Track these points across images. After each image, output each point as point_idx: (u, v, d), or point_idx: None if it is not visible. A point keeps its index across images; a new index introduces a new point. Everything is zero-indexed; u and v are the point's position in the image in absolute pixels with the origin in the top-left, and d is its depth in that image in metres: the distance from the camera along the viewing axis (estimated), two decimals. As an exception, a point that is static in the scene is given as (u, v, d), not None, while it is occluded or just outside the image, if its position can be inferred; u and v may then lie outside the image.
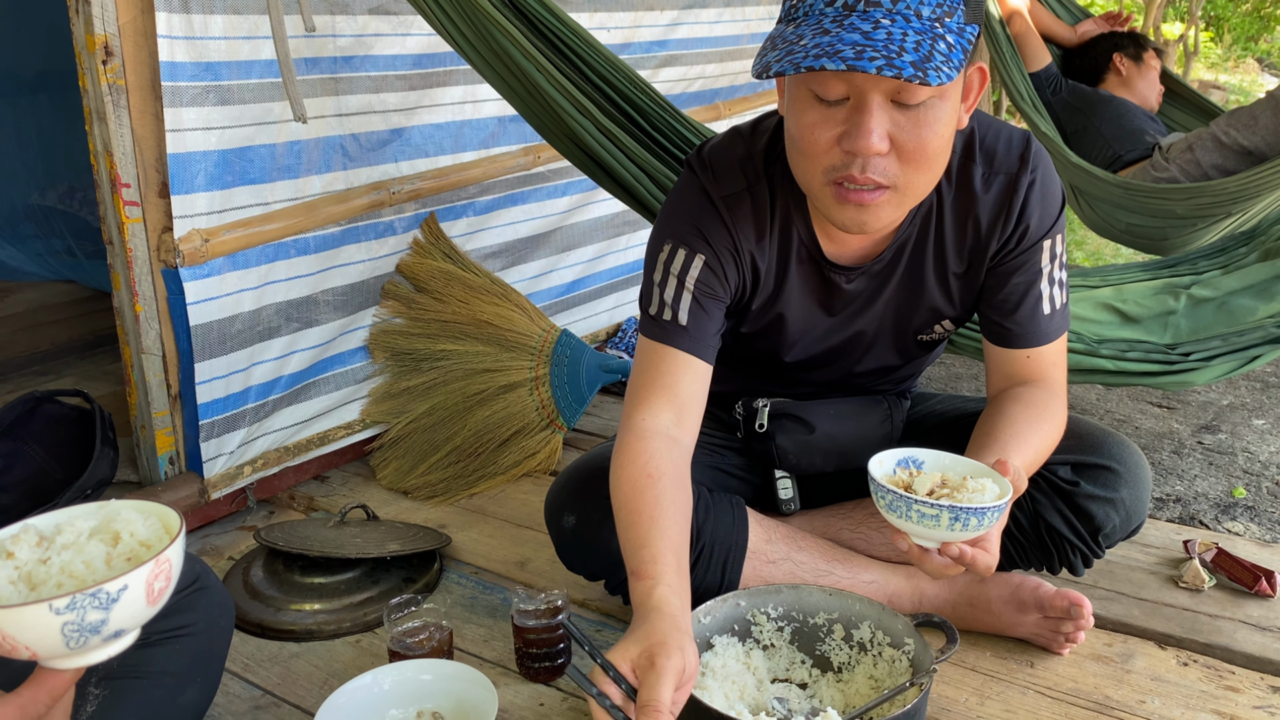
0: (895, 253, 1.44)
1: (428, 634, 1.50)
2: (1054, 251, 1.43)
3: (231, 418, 1.98)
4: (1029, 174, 1.38)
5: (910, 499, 1.13)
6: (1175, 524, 1.97)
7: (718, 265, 1.40)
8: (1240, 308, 2.07)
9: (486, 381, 2.30)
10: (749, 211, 1.40)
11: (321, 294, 2.12)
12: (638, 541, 1.20)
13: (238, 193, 1.90)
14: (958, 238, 1.43)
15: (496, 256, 2.55)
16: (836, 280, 1.46)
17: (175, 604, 1.17)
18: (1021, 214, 1.39)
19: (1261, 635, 1.59)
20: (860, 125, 1.16)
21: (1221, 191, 2.79)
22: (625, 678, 1.02)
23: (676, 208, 1.43)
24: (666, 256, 1.41)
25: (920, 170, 1.22)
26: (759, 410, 1.63)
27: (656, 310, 1.40)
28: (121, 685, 1.11)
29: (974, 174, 1.39)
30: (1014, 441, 1.32)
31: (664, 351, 1.38)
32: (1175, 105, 3.64)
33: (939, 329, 1.55)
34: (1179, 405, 2.56)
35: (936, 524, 1.12)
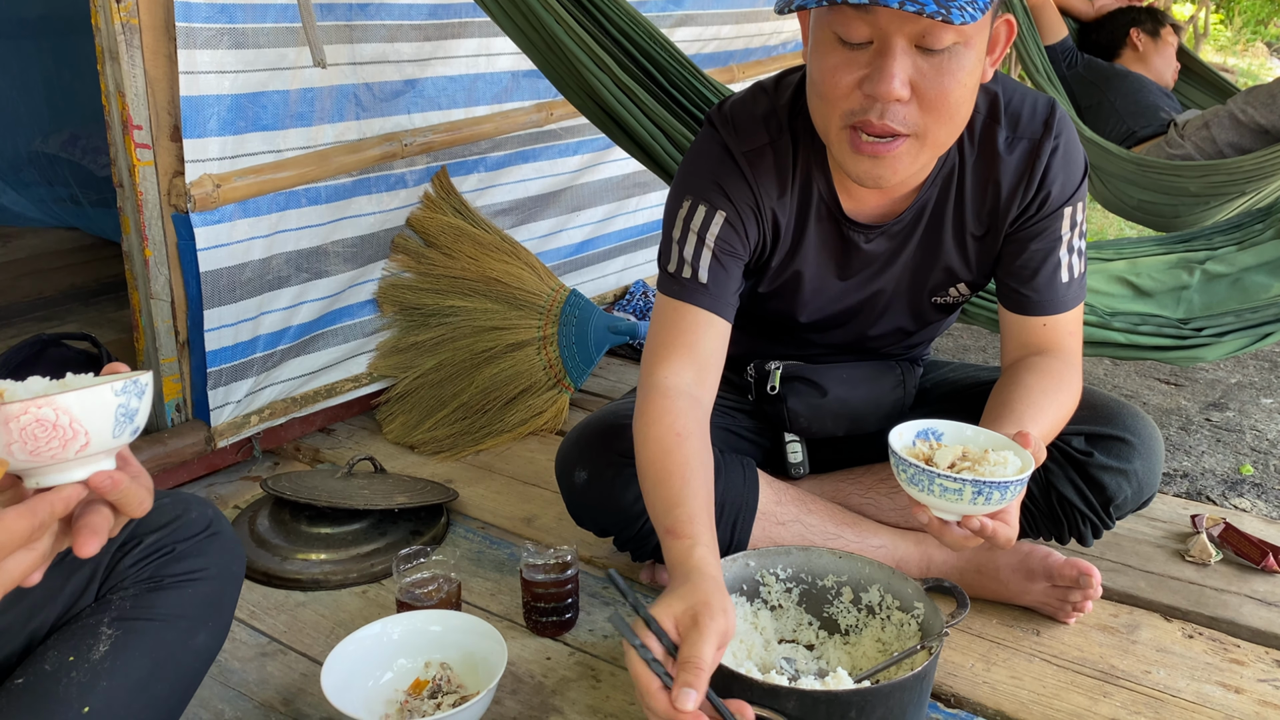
0: (915, 214, 1.42)
1: (436, 585, 1.50)
2: (1074, 219, 1.42)
3: (239, 366, 1.97)
4: (1053, 140, 1.36)
5: (933, 473, 1.12)
6: (1183, 499, 1.97)
7: (739, 222, 1.38)
8: (1254, 284, 2.06)
9: (494, 339, 2.29)
10: (771, 166, 1.38)
11: (332, 245, 2.10)
12: (672, 500, 1.19)
13: (250, 139, 1.88)
14: (978, 200, 1.41)
15: (506, 214, 2.53)
16: (855, 239, 1.44)
17: (188, 549, 1.17)
18: (1044, 180, 1.38)
19: (1267, 610, 1.59)
20: (883, 69, 1.15)
21: (1236, 170, 2.78)
22: (668, 634, 1.01)
23: (697, 164, 1.41)
24: (686, 213, 1.39)
25: (941, 120, 1.20)
26: (771, 373, 1.63)
27: (676, 268, 1.39)
28: (134, 626, 1.11)
29: (998, 136, 1.37)
30: (1030, 412, 1.31)
31: (684, 309, 1.37)
32: (1191, 83, 3.62)
33: (954, 292, 1.53)
34: (1187, 383, 2.56)
35: (959, 498, 1.11)
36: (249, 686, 1.42)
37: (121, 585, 1.14)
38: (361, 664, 1.35)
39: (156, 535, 1.16)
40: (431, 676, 1.37)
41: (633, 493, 1.47)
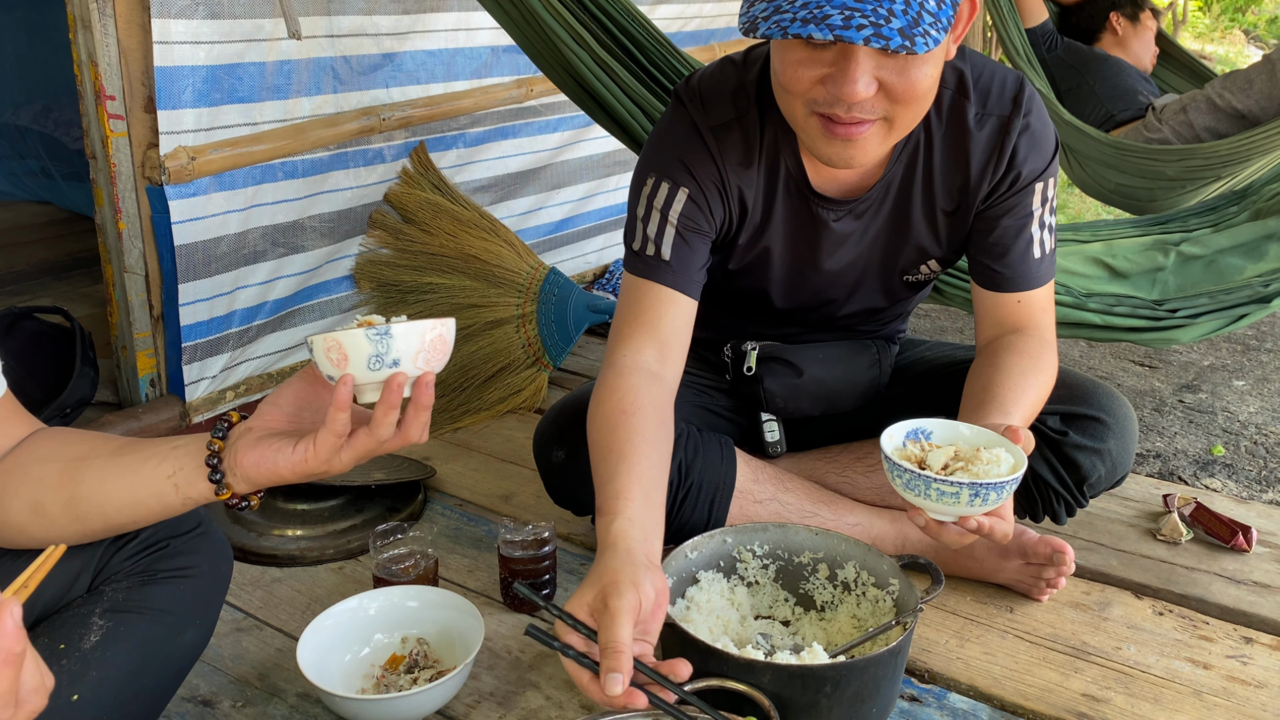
0: (883, 190, 1.42)
1: (413, 561, 1.50)
2: (1045, 195, 1.42)
3: (215, 341, 1.95)
4: (1022, 118, 1.36)
5: (929, 478, 1.10)
6: (1155, 479, 1.99)
7: (702, 199, 1.37)
8: (1229, 266, 2.08)
9: (473, 317, 2.28)
10: (738, 142, 1.38)
11: (308, 220, 2.09)
12: (605, 477, 1.19)
13: (226, 111, 1.85)
14: (948, 176, 1.41)
15: (485, 190, 2.52)
16: (823, 216, 1.44)
17: (181, 545, 1.18)
18: (1014, 157, 1.37)
19: (1236, 588, 1.62)
20: (846, 73, 1.14)
21: (1213, 154, 2.79)
22: (585, 623, 1.02)
23: (662, 140, 1.40)
24: (650, 190, 1.38)
25: (909, 106, 1.20)
26: (747, 353, 1.63)
27: (640, 245, 1.38)
28: (125, 619, 1.11)
29: (968, 112, 1.37)
30: (1013, 396, 1.31)
31: (647, 287, 1.37)
32: (1169, 67, 3.63)
33: (925, 269, 1.53)
34: (1161, 365, 2.58)
35: (956, 501, 1.10)
36: (224, 661, 1.42)
37: (114, 577, 1.14)
38: (337, 639, 1.35)
39: (151, 530, 1.16)
40: (408, 652, 1.37)
41: None
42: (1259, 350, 2.69)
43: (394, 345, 0.92)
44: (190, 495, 1.00)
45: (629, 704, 0.97)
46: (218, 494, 0.99)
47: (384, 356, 0.91)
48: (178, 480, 1.00)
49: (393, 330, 0.92)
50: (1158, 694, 1.38)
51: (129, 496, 1.02)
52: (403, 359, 0.92)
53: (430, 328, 0.94)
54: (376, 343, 0.91)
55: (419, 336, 0.93)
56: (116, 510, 1.03)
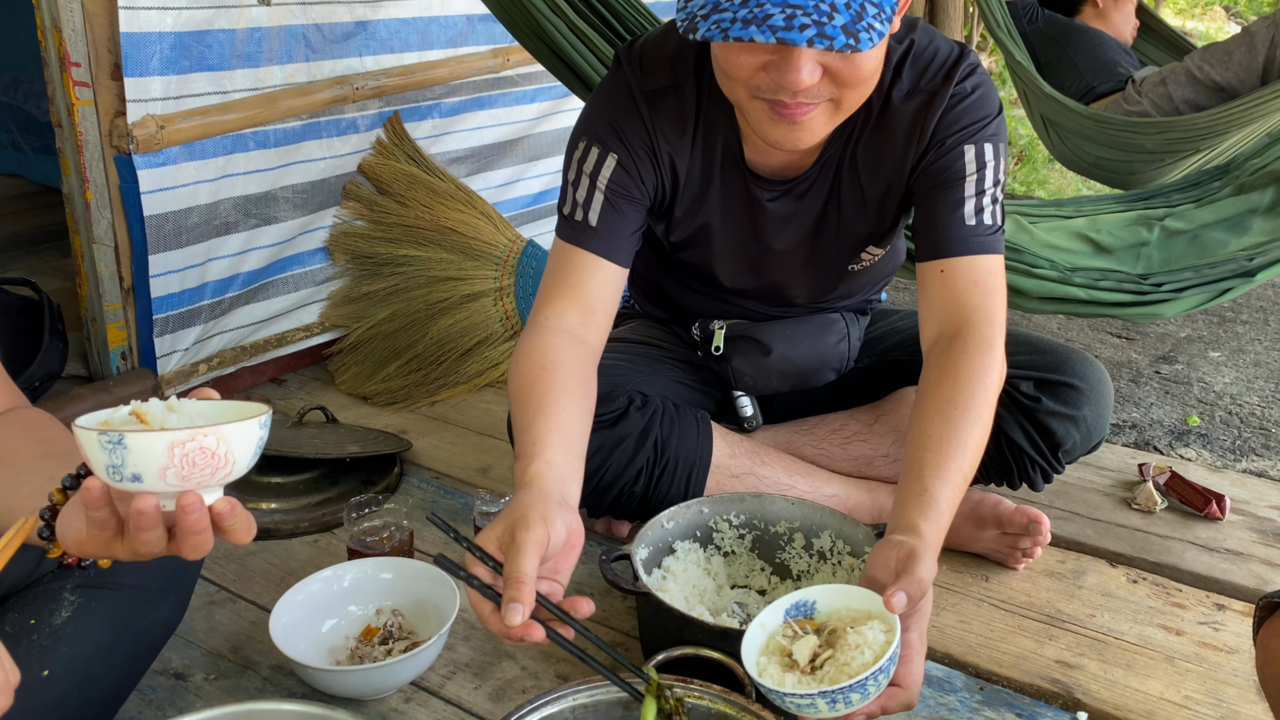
0: (817, 171, 1.39)
1: (388, 533, 1.49)
2: (981, 159, 1.32)
3: (187, 314, 1.92)
4: (952, 87, 1.31)
5: (780, 693, 0.98)
6: (1131, 449, 2.00)
7: (632, 166, 1.35)
8: (1212, 241, 2.08)
9: (450, 290, 2.26)
10: (673, 109, 1.35)
11: (281, 190, 2.06)
12: (524, 426, 1.16)
13: (195, 79, 1.82)
14: (872, 155, 1.37)
15: (462, 162, 2.49)
16: (759, 195, 1.41)
17: None
18: (937, 127, 1.32)
19: (1209, 556, 1.63)
20: (790, 63, 1.10)
21: (1192, 127, 2.79)
22: (493, 556, 0.99)
23: (597, 103, 1.38)
24: (581, 154, 1.36)
25: (855, 89, 1.18)
26: (714, 332, 1.61)
27: (569, 210, 1.36)
28: (97, 594, 1.10)
29: (897, 90, 1.32)
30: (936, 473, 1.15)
31: (573, 253, 1.34)
32: (1149, 40, 3.62)
33: (866, 257, 1.51)
34: (1138, 336, 2.59)
35: (815, 710, 0.97)
36: (197, 635, 1.40)
37: None
38: (310, 611, 1.34)
39: None
40: (383, 623, 1.36)
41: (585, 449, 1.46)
42: (1235, 322, 2.70)
43: (129, 459, 0.73)
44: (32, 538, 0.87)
45: (527, 635, 0.94)
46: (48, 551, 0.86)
47: (120, 470, 0.74)
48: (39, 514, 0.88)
49: (127, 442, 0.73)
50: (1130, 660, 1.39)
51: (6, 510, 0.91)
52: (143, 475, 0.74)
53: (185, 439, 0.74)
54: (110, 452, 0.73)
55: (164, 451, 0.73)
56: None
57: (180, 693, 1.29)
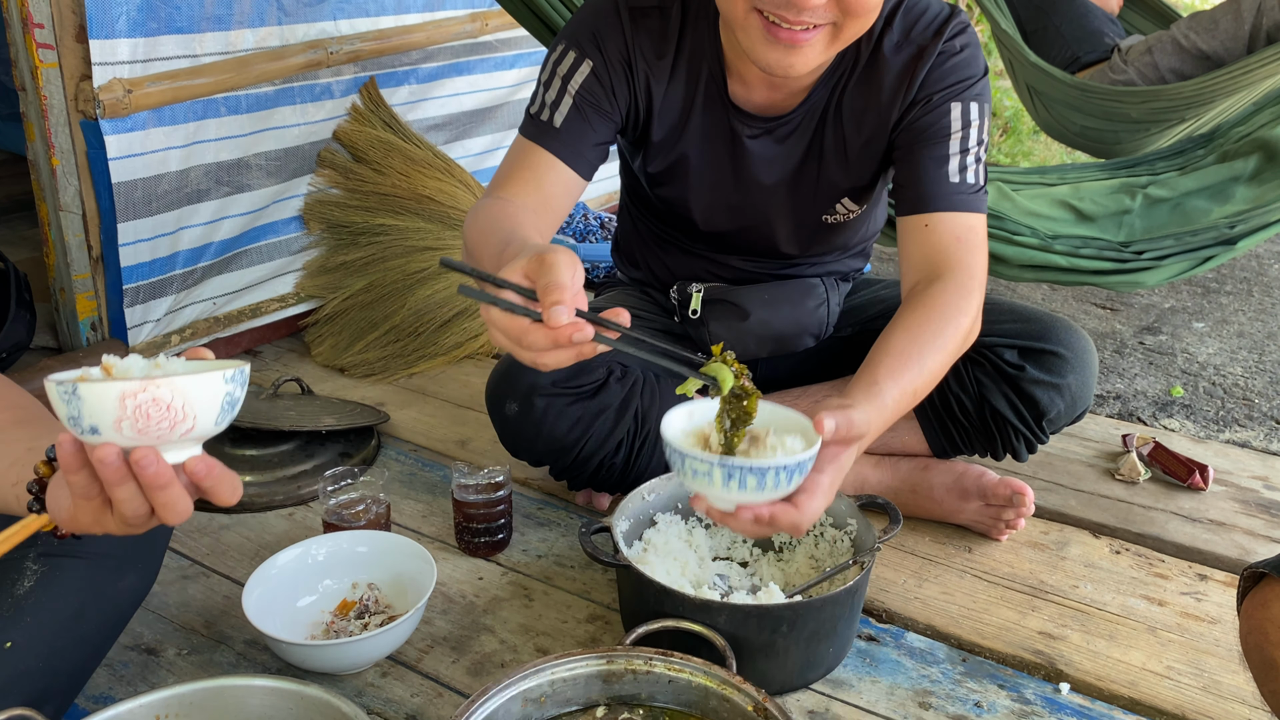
0: (803, 115, 1.39)
1: (364, 506, 1.46)
2: (966, 118, 1.33)
3: (158, 283, 1.88)
4: (941, 43, 1.32)
5: (683, 453, 0.94)
6: (1115, 420, 1.99)
7: (605, 75, 1.34)
8: (1195, 209, 2.07)
9: (428, 260, 2.23)
10: (655, 29, 1.35)
11: (253, 157, 2.01)
12: (503, 239, 1.07)
13: (164, 41, 1.77)
14: (858, 103, 1.37)
15: (440, 129, 2.45)
16: (740, 131, 1.40)
17: None
18: (925, 80, 1.33)
19: (1191, 526, 1.62)
20: None
21: (1177, 96, 2.77)
22: (522, 284, 0.89)
23: (582, 12, 1.38)
24: (557, 58, 1.36)
25: (857, 18, 1.18)
26: (692, 295, 1.59)
27: (536, 110, 1.35)
28: (60, 563, 1.07)
29: (888, 41, 1.34)
30: (889, 367, 1.16)
31: (533, 149, 1.32)
32: (1135, 9, 3.59)
33: (841, 208, 1.50)
34: (1122, 307, 2.58)
35: (710, 481, 0.93)
36: (169, 610, 1.38)
37: None
38: (285, 586, 1.32)
39: None
40: (359, 597, 1.34)
41: (565, 422, 1.44)
42: (1219, 293, 2.70)
43: (84, 409, 0.72)
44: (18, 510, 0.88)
45: (576, 334, 0.85)
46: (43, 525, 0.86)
47: (79, 421, 0.73)
48: (18, 491, 0.88)
49: (80, 390, 0.71)
50: (1113, 631, 1.38)
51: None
52: (101, 427, 0.73)
53: (136, 390, 0.72)
54: (67, 403, 0.72)
55: (116, 401, 0.71)
56: None
57: (152, 668, 1.27)
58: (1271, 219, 2.00)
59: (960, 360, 1.49)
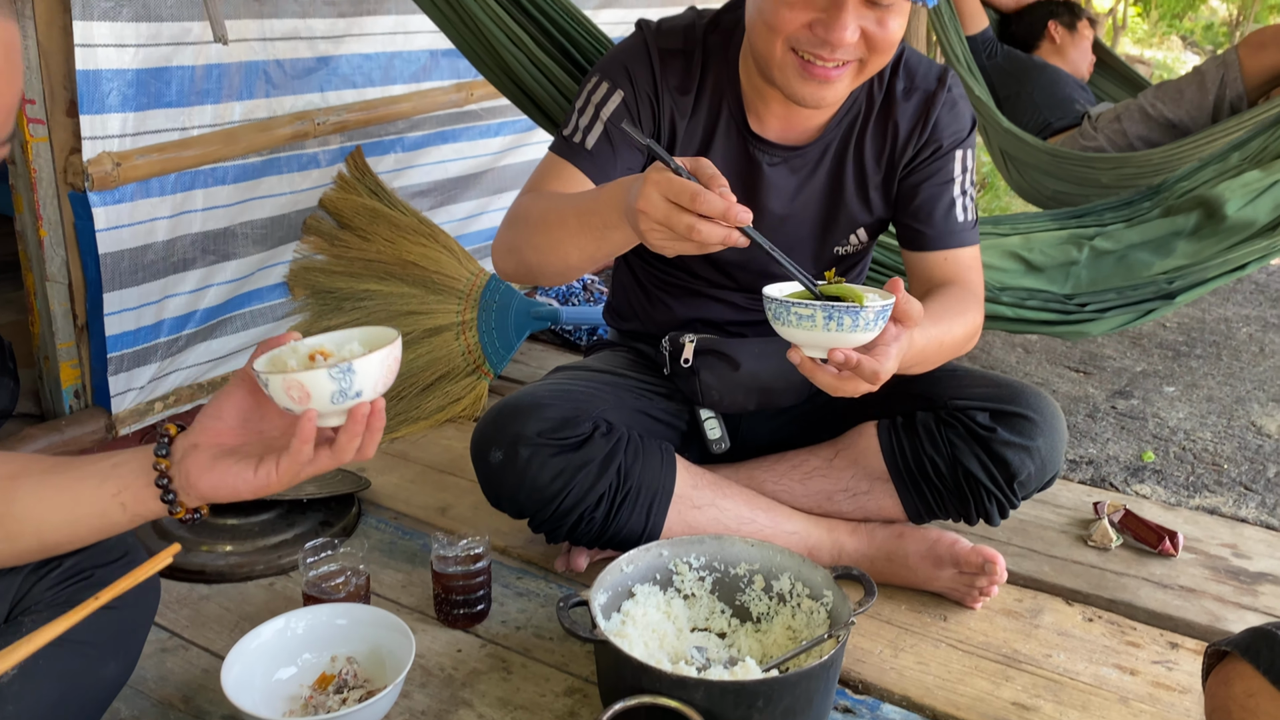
0: (821, 149, 1.53)
1: (344, 578, 1.47)
2: (965, 164, 1.55)
3: (142, 351, 1.90)
4: (945, 93, 1.52)
5: (789, 302, 1.13)
6: (1087, 485, 2.02)
7: (634, 105, 1.48)
8: (1138, 261, 2.14)
9: (411, 324, 2.25)
10: (679, 68, 1.50)
11: (240, 226, 2.04)
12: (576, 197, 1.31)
13: (153, 115, 1.81)
14: (879, 143, 1.54)
15: (425, 195, 2.49)
16: (759, 158, 1.52)
17: (105, 575, 1.14)
18: (936, 127, 1.52)
19: (1163, 593, 1.65)
20: (838, 20, 1.27)
21: (1145, 163, 2.85)
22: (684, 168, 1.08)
23: (614, 52, 1.53)
24: (591, 88, 1.50)
25: (881, 54, 1.35)
26: (684, 345, 1.63)
27: (569, 132, 1.49)
28: (44, 651, 1.07)
29: (897, 86, 1.52)
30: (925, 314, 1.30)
31: (564, 165, 1.47)
32: (1105, 76, 3.70)
33: (854, 239, 1.62)
34: (1095, 370, 2.63)
35: (813, 324, 1.12)
36: (147, 684, 1.38)
37: (34, 608, 1.10)
38: (264, 660, 1.32)
39: (75, 559, 1.12)
40: (337, 671, 1.34)
41: (548, 473, 1.46)
42: (1189, 356, 2.75)
43: (355, 380, 0.94)
44: (139, 513, 1.01)
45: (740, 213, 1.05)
46: (171, 513, 1.00)
47: (347, 391, 0.94)
48: (124, 499, 0.99)
49: (355, 366, 0.94)
50: (1085, 701, 1.40)
51: (68, 515, 1.00)
52: (364, 390, 0.95)
53: (388, 355, 0.96)
54: (340, 379, 0.93)
55: (379, 365, 0.95)
56: (53, 529, 1.01)
57: (129, 745, 1.27)
58: (1209, 275, 2.08)
59: (934, 422, 1.57)
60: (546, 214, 1.33)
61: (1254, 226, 2.10)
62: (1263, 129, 2.21)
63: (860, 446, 1.64)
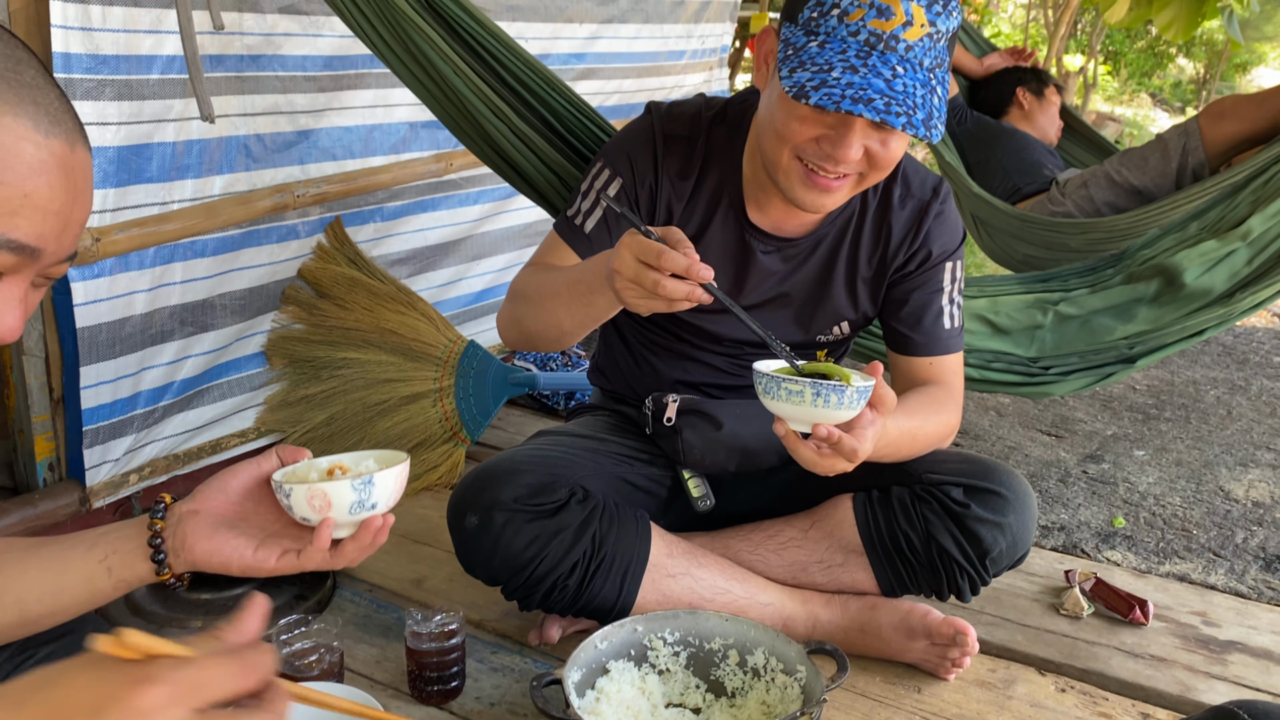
0: (813, 244, 1.59)
1: (318, 656, 1.47)
2: (954, 275, 1.61)
3: (118, 424, 1.90)
4: (938, 204, 1.58)
5: (779, 378, 1.20)
6: (1059, 552, 2.04)
7: (633, 191, 1.55)
8: (1101, 326, 2.19)
9: (389, 392, 2.26)
10: (682, 154, 1.56)
11: (219, 298, 2.06)
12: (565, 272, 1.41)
13: (133, 191, 1.83)
14: (872, 244, 1.59)
15: (404, 263, 2.51)
16: (753, 245, 1.57)
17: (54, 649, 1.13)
18: (928, 235, 1.58)
19: (1134, 662, 1.66)
20: (845, 140, 1.32)
21: (1113, 228, 2.91)
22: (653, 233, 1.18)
23: (622, 136, 1.60)
24: (596, 172, 1.58)
25: (881, 171, 1.40)
26: (668, 405, 1.65)
27: (572, 213, 1.57)
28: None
29: (894, 192, 1.58)
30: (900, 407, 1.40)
31: (563, 247, 1.56)
32: (1073, 141, 3.78)
33: (837, 330, 1.66)
34: (1066, 434, 2.66)
35: (801, 399, 1.18)
36: (116, 766, 1.36)
37: None
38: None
39: (50, 648, 1.12)
40: (309, 753, 1.33)
41: (523, 539, 1.47)
42: (1158, 419, 2.78)
43: (374, 492, 1.01)
44: (125, 578, 1.01)
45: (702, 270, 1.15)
46: (159, 574, 1.01)
47: (364, 502, 1.00)
48: (111, 564, 1.00)
49: (375, 479, 1.01)
50: (1058, 776, 1.40)
51: (52, 585, 1.00)
52: (379, 502, 1.01)
53: (402, 471, 1.04)
54: (360, 490, 1.00)
55: (395, 480, 1.03)
56: (37, 599, 1.00)
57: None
58: (1168, 340, 2.13)
59: (909, 497, 1.59)
60: (542, 287, 1.45)
61: (1211, 294, 2.15)
62: (1220, 199, 2.27)
63: (836, 519, 1.65)
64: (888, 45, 1.27)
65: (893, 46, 1.27)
